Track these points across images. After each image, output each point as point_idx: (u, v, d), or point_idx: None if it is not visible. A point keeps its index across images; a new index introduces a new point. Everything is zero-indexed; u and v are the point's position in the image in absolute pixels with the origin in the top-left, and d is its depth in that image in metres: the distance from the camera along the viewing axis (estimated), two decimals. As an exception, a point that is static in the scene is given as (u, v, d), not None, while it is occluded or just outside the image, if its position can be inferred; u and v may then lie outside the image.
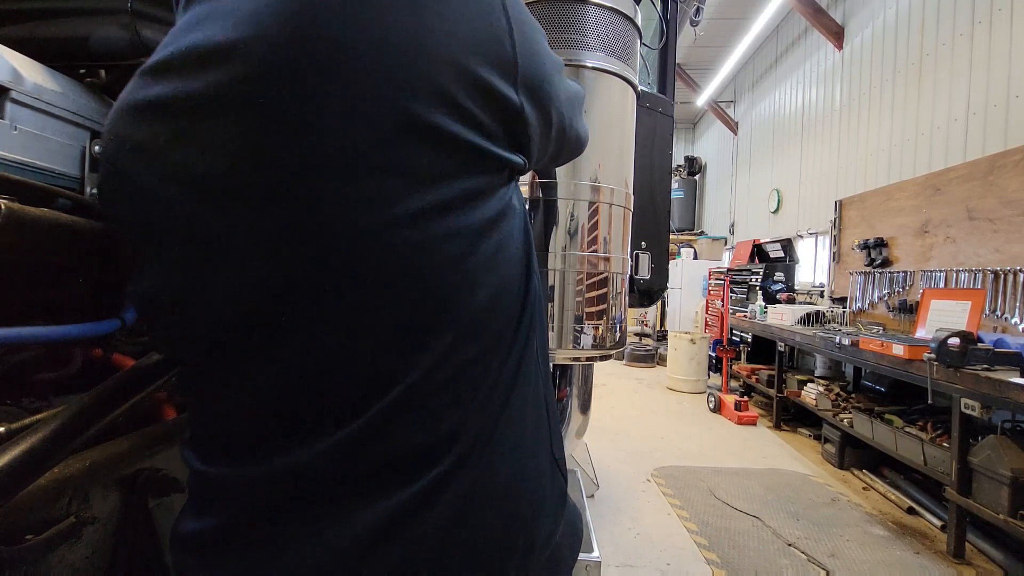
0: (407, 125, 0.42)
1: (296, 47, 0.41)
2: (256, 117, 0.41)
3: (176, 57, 0.43)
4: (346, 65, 0.41)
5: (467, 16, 0.46)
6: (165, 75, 0.43)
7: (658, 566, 2.36)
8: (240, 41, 0.41)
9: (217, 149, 0.42)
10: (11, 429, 0.60)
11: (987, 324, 2.96)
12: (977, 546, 2.56)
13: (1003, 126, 3.39)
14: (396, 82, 0.42)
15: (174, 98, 0.42)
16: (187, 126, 0.42)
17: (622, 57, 1.25)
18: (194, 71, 0.42)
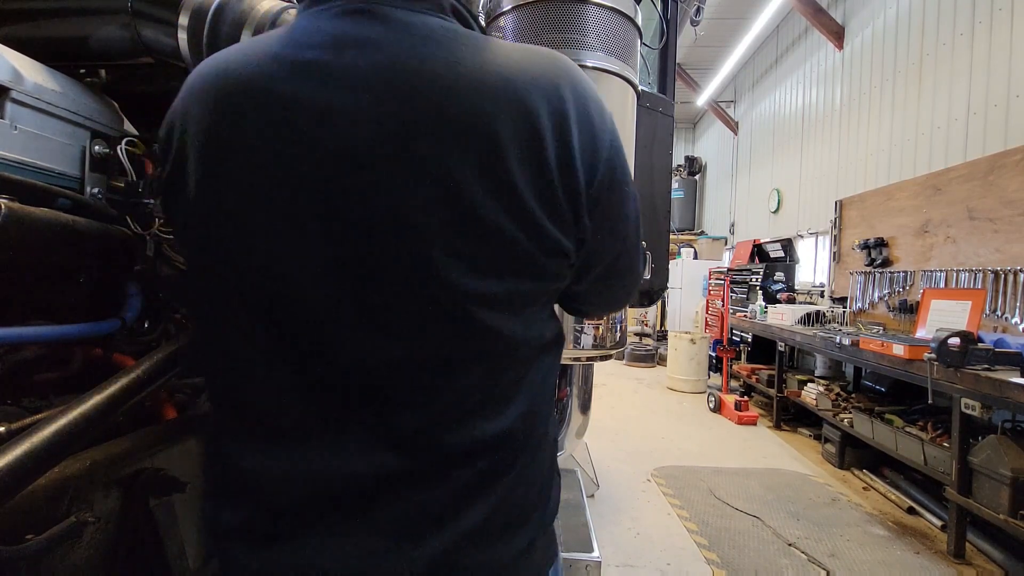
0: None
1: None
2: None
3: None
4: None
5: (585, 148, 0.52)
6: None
7: (658, 566, 2.36)
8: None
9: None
10: (11, 429, 0.60)
11: (987, 324, 2.96)
12: (977, 546, 2.56)
13: (1003, 126, 3.39)
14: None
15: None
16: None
17: (622, 57, 1.25)
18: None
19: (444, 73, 0.47)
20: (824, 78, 5.83)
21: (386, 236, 0.47)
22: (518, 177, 0.47)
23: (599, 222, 0.55)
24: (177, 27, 0.79)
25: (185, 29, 0.79)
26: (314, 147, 0.47)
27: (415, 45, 0.49)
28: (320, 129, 0.47)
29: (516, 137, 0.47)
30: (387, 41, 0.49)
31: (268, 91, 0.48)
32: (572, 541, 1.45)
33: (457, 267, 0.47)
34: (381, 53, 0.48)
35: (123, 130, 0.90)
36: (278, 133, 0.47)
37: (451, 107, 0.47)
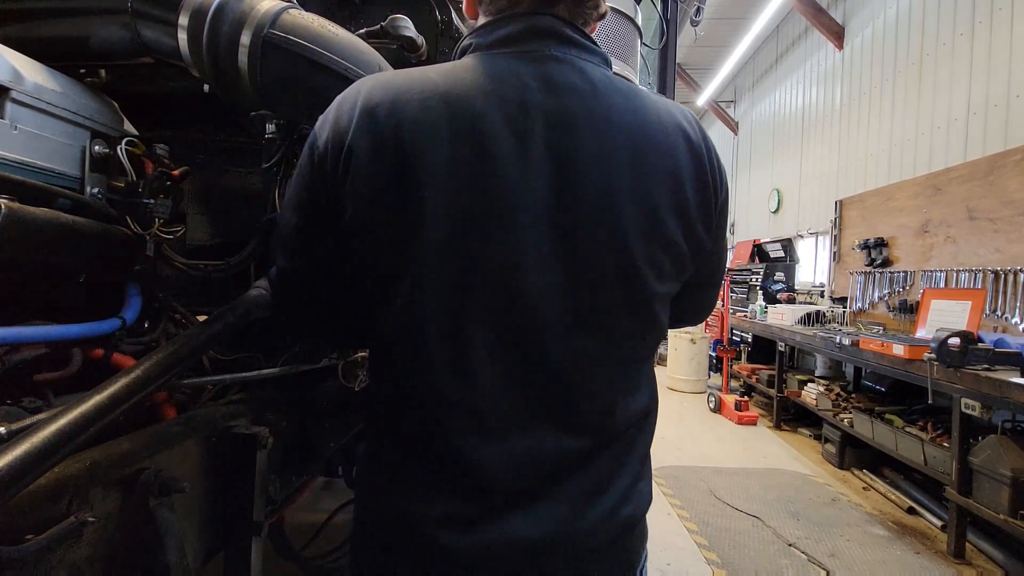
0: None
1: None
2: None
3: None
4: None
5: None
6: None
7: (658, 566, 2.36)
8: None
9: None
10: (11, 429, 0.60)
11: (987, 324, 2.96)
12: (977, 546, 2.56)
13: (1003, 126, 3.39)
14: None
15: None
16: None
17: (623, 57, 1.25)
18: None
19: (633, 119, 0.60)
20: (824, 78, 5.83)
21: (607, 251, 0.57)
22: (691, 200, 0.62)
23: (718, 233, 0.69)
24: (177, 27, 0.79)
25: (185, 29, 0.79)
26: (559, 178, 0.56)
27: (608, 93, 0.60)
28: (566, 165, 0.57)
29: (691, 167, 0.62)
30: (589, 89, 0.60)
31: (504, 123, 0.56)
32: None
33: (651, 273, 0.59)
34: (591, 100, 0.59)
35: (123, 130, 0.90)
36: (522, 163, 0.56)
37: (649, 146, 0.60)
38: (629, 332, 0.61)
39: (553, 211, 0.56)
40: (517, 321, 0.56)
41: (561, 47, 0.61)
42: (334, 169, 0.56)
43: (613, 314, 0.59)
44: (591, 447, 0.60)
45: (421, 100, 0.56)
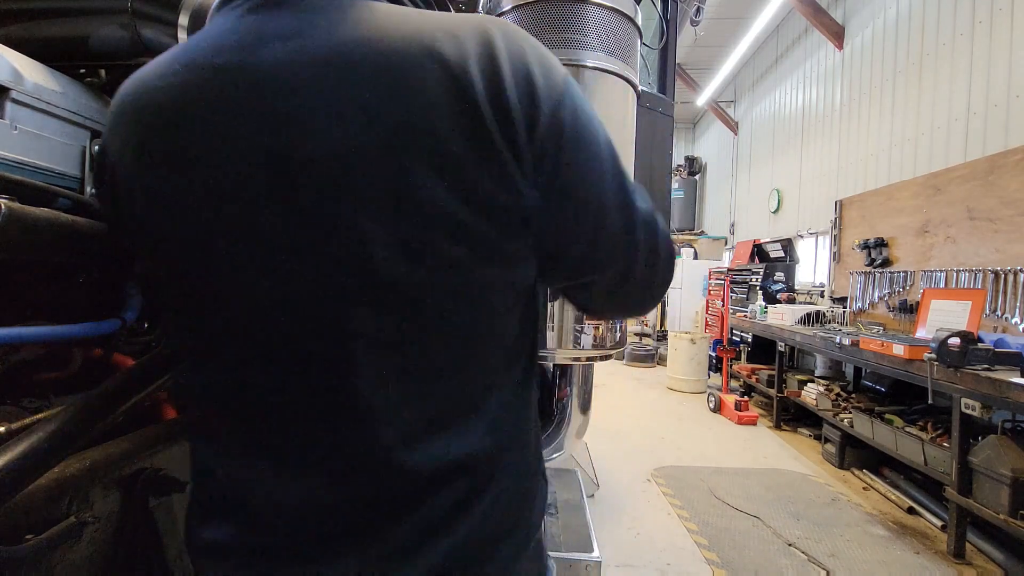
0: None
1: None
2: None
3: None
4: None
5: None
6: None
7: (658, 566, 2.36)
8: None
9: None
10: (11, 429, 0.60)
11: (987, 324, 2.96)
12: (977, 546, 2.56)
13: (1003, 126, 3.39)
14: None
15: None
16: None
17: (622, 57, 1.25)
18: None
19: (375, 58, 0.44)
20: (824, 78, 5.83)
21: (332, 241, 0.44)
22: (457, 145, 0.43)
23: (554, 192, 0.47)
24: (177, 27, 0.79)
25: (185, 29, 0.79)
26: (274, 160, 0.44)
27: (341, 32, 0.45)
28: (282, 141, 0.44)
29: (447, 97, 0.43)
30: (317, 30, 0.46)
31: (193, 101, 0.46)
32: (572, 541, 1.45)
33: (399, 258, 0.44)
34: (314, 46, 0.45)
35: (123, 130, 0.90)
36: (211, 144, 0.46)
37: (389, 89, 0.43)
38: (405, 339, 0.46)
39: (271, 205, 0.45)
40: (241, 321, 0.47)
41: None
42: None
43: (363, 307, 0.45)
44: (388, 493, 0.47)
45: (139, 82, 0.50)
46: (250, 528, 0.49)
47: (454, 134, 0.43)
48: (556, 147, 0.46)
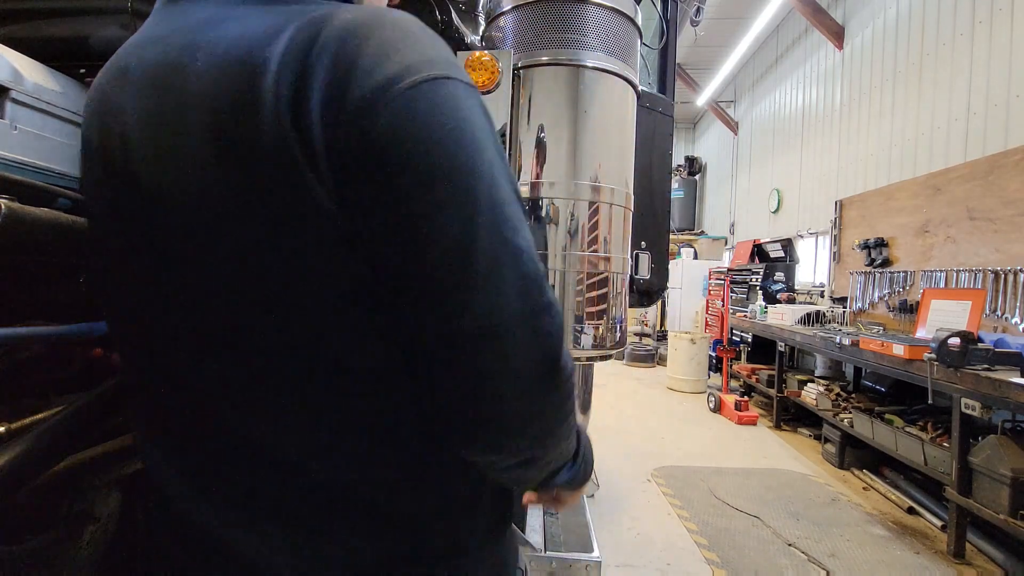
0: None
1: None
2: None
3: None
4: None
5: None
6: None
7: (658, 566, 2.36)
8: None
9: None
10: (11, 429, 0.60)
11: (987, 324, 2.96)
12: (977, 546, 2.55)
13: (1003, 126, 3.39)
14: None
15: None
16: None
17: (622, 57, 1.25)
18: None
19: (189, 56, 0.42)
20: (824, 78, 5.83)
21: (157, 247, 0.44)
22: (250, 146, 0.39)
23: (369, 219, 0.39)
24: (177, 27, 0.79)
25: (185, 29, 0.79)
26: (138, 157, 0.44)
27: (204, 29, 0.43)
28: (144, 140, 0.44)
29: (245, 98, 0.39)
30: (187, 30, 0.44)
31: (96, 100, 0.48)
32: (572, 541, 1.45)
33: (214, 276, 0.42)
34: (180, 44, 0.43)
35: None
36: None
37: (188, 95, 0.41)
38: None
39: (124, 217, 0.45)
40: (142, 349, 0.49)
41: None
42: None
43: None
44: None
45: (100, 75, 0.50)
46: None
47: (251, 144, 0.39)
48: (360, 163, 0.38)
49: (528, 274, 0.41)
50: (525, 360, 0.41)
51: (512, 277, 0.40)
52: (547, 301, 0.42)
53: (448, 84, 0.41)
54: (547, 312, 0.42)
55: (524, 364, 0.40)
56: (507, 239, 0.41)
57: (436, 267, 0.39)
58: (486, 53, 1.14)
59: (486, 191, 0.40)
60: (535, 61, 1.21)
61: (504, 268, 0.40)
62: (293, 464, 0.44)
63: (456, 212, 0.39)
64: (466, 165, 0.40)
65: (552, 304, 0.43)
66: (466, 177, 0.40)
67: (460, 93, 0.42)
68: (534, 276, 0.42)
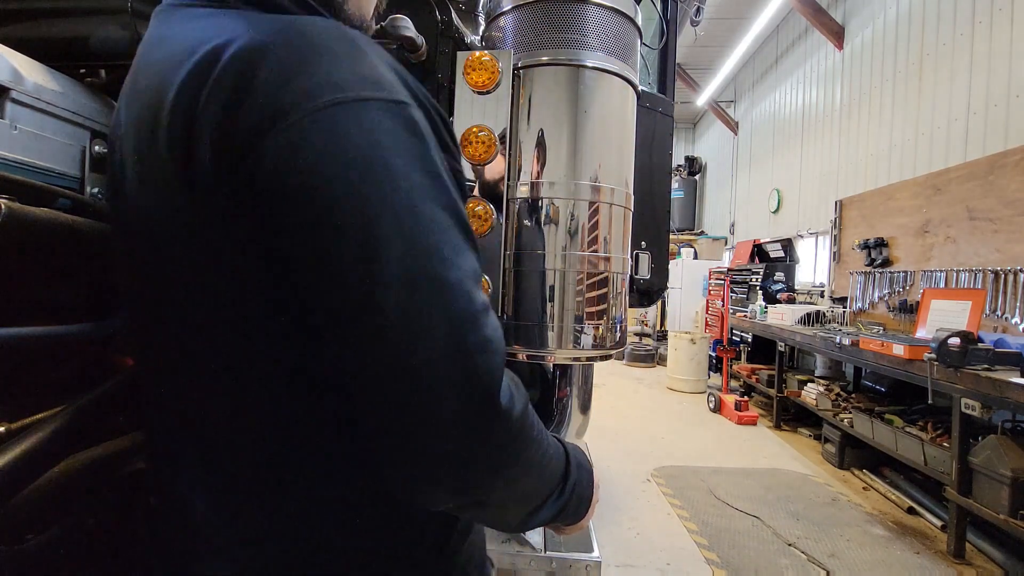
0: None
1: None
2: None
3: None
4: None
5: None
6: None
7: (658, 566, 2.36)
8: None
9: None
10: (11, 429, 0.60)
11: (987, 324, 2.96)
12: (977, 546, 2.55)
13: (1003, 126, 3.39)
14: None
15: None
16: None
17: (622, 57, 1.25)
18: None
19: (142, 71, 0.45)
20: (824, 78, 5.82)
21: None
22: (158, 164, 0.40)
23: (271, 251, 0.38)
24: (177, 27, 0.79)
25: (185, 29, 0.79)
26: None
27: (169, 38, 0.44)
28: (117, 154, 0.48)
29: (157, 113, 0.40)
30: (156, 39, 0.46)
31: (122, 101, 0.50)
32: (572, 541, 1.45)
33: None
34: (147, 55, 0.46)
35: (123, 130, 0.90)
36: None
37: (133, 110, 0.44)
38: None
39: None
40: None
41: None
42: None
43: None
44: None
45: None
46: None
47: (154, 169, 0.40)
48: (253, 203, 0.37)
49: (457, 312, 0.38)
50: (453, 403, 0.37)
51: (437, 315, 0.37)
52: (483, 338, 0.39)
53: (352, 108, 0.37)
54: (482, 351, 0.38)
55: (451, 407, 0.37)
56: (431, 274, 0.38)
57: (342, 309, 0.37)
58: (486, 53, 1.14)
59: (398, 224, 0.37)
60: (535, 61, 1.21)
61: (425, 306, 0.37)
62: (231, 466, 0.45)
63: (357, 251, 0.36)
64: (370, 198, 0.36)
65: (490, 341, 0.39)
66: (368, 211, 0.36)
67: (370, 116, 0.38)
68: (464, 312, 0.38)
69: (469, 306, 0.39)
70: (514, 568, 1.30)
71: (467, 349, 0.38)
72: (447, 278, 0.38)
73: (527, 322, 1.19)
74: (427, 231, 0.38)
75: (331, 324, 0.38)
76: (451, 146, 0.46)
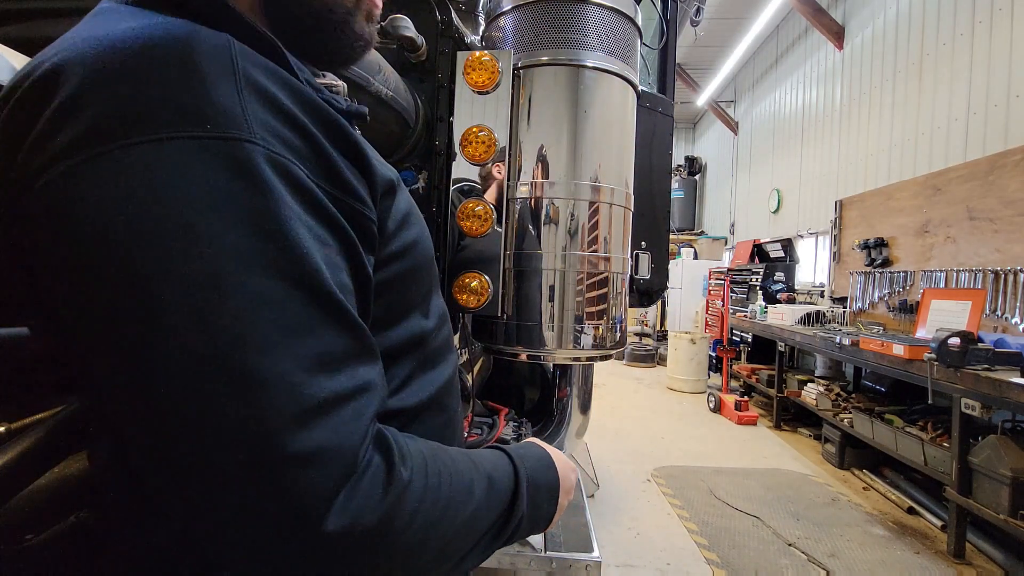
0: None
1: None
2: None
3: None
4: None
5: None
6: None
7: (658, 566, 2.36)
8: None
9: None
10: (11, 429, 0.60)
11: (987, 324, 2.96)
12: (977, 546, 2.55)
13: (1003, 126, 3.39)
14: None
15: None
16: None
17: (623, 57, 1.25)
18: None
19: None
20: (824, 78, 5.83)
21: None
22: None
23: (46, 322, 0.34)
24: (177, 27, 0.79)
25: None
26: None
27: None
28: None
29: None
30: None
31: None
32: (572, 541, 1.45)
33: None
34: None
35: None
36: None
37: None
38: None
39: None
40: None
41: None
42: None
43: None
44: None
45: None
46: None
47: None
48: (22, 233, 0.33)
49: (270, 414, 0.30)
50: (251, 531, 0.31)
51: (232, 416, 0.30)
52: (309, 449, 0.31)
53: (145, 151, 0.30)
54: (304, 464, 0.31)
55: (250, 536, 0.31)
56: (230, 365, 0.30)
57: (109, 400, 0.32)
58: (486, 53, 1.14)
59: (188, 303, 0.30)
60: (535, 61, 1.21)
61: (218, 408, 0.30)
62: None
63: (125, 333, 0.30)
64: (148, 269, 0.30)
65: (322, 451, 0.31)
66: (146, 287, 0.30)
67: (171, 160, 0.31)
68: (279, 415, 0.30)
69: (289, 406, 0.31)
70: (514, 568, 1.30)
71: (275, 462, 0.30)
72: (257, 370, 0.30)
73: (527, 322, 1.19)
74: (235, 310, 0.30)
75: (105, 411, 0.34)
76: (348, 181, 0.39)
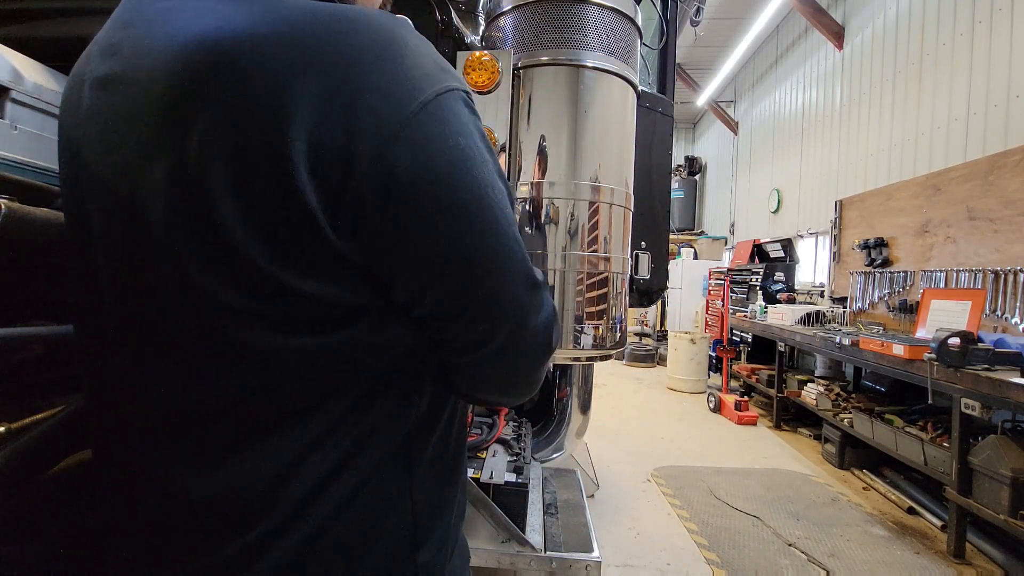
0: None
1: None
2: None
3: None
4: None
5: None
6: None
7: (658, 566, 2.36)
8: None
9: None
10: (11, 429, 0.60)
11: (987, 324, 2.96)
12: (977, 546, 2.55)
13: (1003, 126, 3.39)
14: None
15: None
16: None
17: (622, 57, 1.25)
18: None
19: (158, 58, 0.37)
20: (824, 78, 5.83)
21: (153, 273, 0.40)
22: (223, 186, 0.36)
23: (388, 248, 0.39)
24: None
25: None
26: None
27: (155, 28, 0.39)
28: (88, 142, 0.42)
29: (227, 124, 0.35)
30: (159, 13, 0.40)
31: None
32: (572, 541, 1.46)
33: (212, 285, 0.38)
34: (148, 30, 0.40)
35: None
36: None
37: (157, 106, 0.37)
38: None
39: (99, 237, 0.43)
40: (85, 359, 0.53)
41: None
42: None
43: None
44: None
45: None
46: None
47: (250, 179, 0.36)
48: (382, 195, 0.37)
49: (527, 261, 0.49)
50: (534, 319, 0.49)
51: (519, 258, 0.47)
52: (540, 280, 0.51)
53: (448, 98, 0.41)
54: (541, 290, 0.51)
55: (533, 323, 0.49)
56: (515, 231, 0.47)
57: (480, 276, 0.44)
58: (486, 53, 1.14)
59: (491, 196, 0.44)
60: (535, 61, 1.21)
61: (520, 253, 0.47)
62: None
63: (485, 230, 0.43)
64: (477, 180, 0.42)
65: (541, 283, 0.51)
66: (477, 190, 0.42)
67: (459, 104, 0.42)
68: (528, 260, 0.49)
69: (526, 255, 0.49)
70: (514, 568, 1.30)
71: (537, 284, 0.50)
72: (517, 236, 0.47)
73: (527, 322, 1.19)
74: (504, 199, 0.46)
75: (470, 297, 0.44)
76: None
